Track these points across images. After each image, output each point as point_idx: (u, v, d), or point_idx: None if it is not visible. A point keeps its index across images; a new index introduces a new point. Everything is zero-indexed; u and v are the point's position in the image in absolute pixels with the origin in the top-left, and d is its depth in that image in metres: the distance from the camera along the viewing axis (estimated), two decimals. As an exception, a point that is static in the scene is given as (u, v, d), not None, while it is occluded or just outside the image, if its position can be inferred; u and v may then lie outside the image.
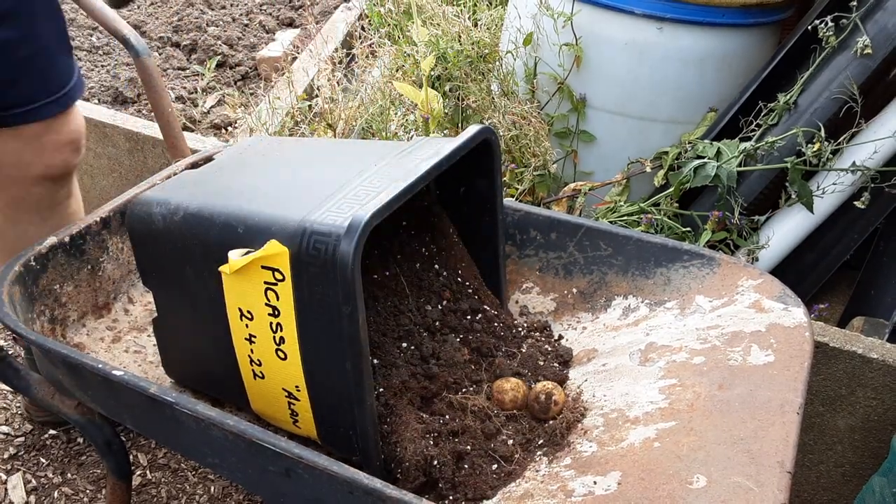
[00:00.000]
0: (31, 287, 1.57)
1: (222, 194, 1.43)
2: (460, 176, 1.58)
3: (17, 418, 2.22)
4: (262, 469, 1.25)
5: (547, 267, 1.73)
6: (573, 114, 2.56)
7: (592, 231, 1.67)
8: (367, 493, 1.13)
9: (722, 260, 1.56)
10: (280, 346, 1.30)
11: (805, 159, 2.14)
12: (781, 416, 1.24)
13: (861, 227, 2.33)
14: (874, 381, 1.81)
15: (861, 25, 2.12)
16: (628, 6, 2.38)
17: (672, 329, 1.51)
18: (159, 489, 2.07)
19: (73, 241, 1.66)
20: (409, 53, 2.80)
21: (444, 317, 1.57)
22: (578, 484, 1.24)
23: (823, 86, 2.17)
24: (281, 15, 4.16)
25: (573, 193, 2.44)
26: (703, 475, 1.17)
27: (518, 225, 1.74)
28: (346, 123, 2.63)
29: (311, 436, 1.38)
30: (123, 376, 1.31)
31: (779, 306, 1.45)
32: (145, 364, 1.67)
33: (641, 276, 1.63)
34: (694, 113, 2.48)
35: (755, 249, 2.24)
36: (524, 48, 2.60)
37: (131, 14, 4.00)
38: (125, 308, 1.78)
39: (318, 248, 1.20)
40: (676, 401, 1.34)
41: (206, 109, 3.35)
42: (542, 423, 1.44)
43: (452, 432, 1.38)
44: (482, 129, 1.47)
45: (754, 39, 2.46)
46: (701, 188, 2.28)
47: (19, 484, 2.05)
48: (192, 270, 1.40)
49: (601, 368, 1.51)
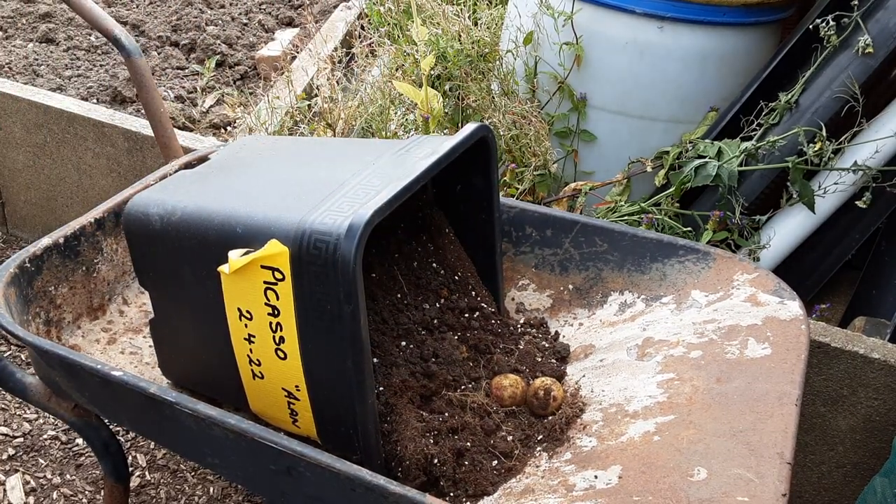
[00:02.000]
0: (26, 289, 1.56)
1: (220, 194, 1.42)
2: (457, 174, 1.58)
3: (16, 419, 2.22)
4: (263, 468, 1.25)
5: (543, 263, 1.73)
6: (573, 113, 2.56)
7: (588, 227, 1.67)
8: (370, 489, 1.12)
9: (717, 255, 1.56)
10: (280, 346, 1.29)
11: (806, 159, 2.14)
12: (780, 407, 1.24)
13: (863, 226, 2.33)
14: (876, 381, 1.80)
15: (862, 24, 2.11)
16: (629, 5, 2.37)
17: (669, 324, 1.51)
18: (158, 490, 2.06)
19: (67, 243, 1.65)
20: (408, 52, 2.80)
21: (443, 315, 1.57)
22: (579, 478, 1.24)
23: (825, 85, 2.16)
24: (280, 14, 4.15)
25: (574, 193, 2.44)
26: (704, 467, 1.17)
27: (514, 222, 1.74)
28: (345, 123, 2.62)
29: (311, 435, 1.38)
30: (122, 377, 1.31)
31: (774, 300, 1.46)
32: (141, 365, 1.66)
33: (637, 272, 1.63)
34: (695, 112, 2.48)
35: (756, 249, 2.23)
36: (524, 47, 2.59)
37: (130, 13, 4.00)
38: (120, 309, 1.77)
39: (318, 247, 1.20)
40: (675, 395, 1.34)
41: (205, 109, 3.35)
42: (542, 418, 1.44)
43: (452, 429, 1.38)
44: (479, 126, 1.46)
45: (755, 38, 2.46)
46: (702, 188, 2.27)
47: (18, 485, 2.04)
48: (189, 270, 1.39)
49: (599, 364, 1.51)
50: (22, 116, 2.62)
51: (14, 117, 2.64)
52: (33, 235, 2.89)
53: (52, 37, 3.75)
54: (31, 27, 3.84)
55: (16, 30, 3.83)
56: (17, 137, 2.67)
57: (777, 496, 1.11)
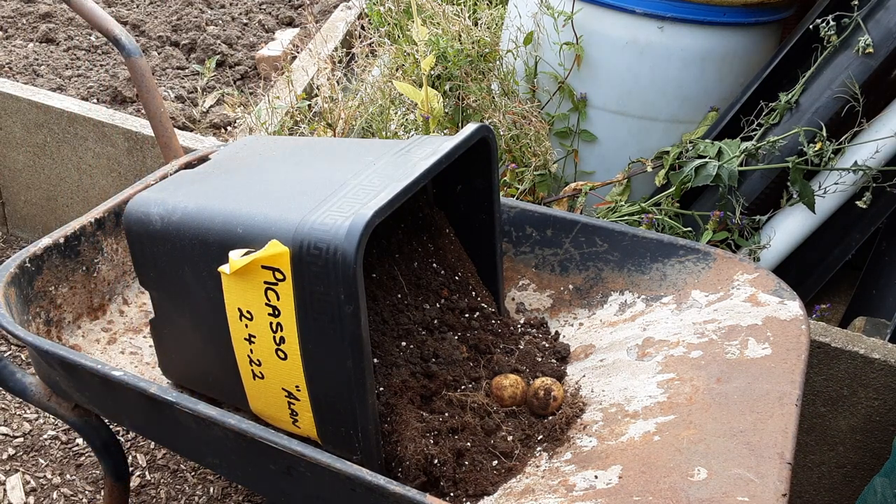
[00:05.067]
0: (26, 289, 1.56)
1: (221, 194, 1.42)
2: (457, 174, 1.58)
3: (16, 419, 2.22)
4: (262, 467, 1.25)
5: (543, 264, 1.73)
6: (574, 113, 2.56)
7: (588, 227, 1.67)
8: (370, 489, 1.12)
9: (717, 255, 1.56)
10: (280, 346, 1.29)
11: (806, 159, 2.14)
12: (780, 407, 1.25)
13: (863, 226, 2.33)
14: (876, 381, 1.80)
15: (863, 24, 2.11)
16: (629, 5, 2.37)
17: (669, 324, 1.52)
18: (158, 490, 2.06)
19: (67, 243, 1.65)
20: (408, 52, 2.80)
21: (443, 315, 1.57)
22: (580, 478, 1.24)
23: (825, 85, 2.16)
24: (280, 14, 4.15)
25: (574, 193, 2.44)
26: (704, 467, 1.17)
27: (514, 222, 1.74)
28: (345, 123, 2.62)
29: (311, 435, 1.38)
30: (123, 376, 1.31)
31: (774, 300, 1.46)
32: (141, 365, 1.66)
33: (637, 272, 1.63)
34: (695, 112, 2.48)
35: (756, 249, 2.23)
36: (524, 47, 2.59)
37: (130, 13, 3.99)
38: (120, 309, 1.77)
39: (319, 247, 1.20)
40: (675, 395, 1.34)
41: (206, 109, 3.35)
42: (542, 418, 1.44)
43: (452, 430, 1.38)
44: (480, 127, 1.46)
45: (756, 38, 2.46)
46: (702, 188, 2.27)
47: (18, 485, 2.04)
48: (190, 270, 1.39)
49: (599, 364, 1.51)
50: (22, 116, 2.62)
51: (14, 117, 2.64)
52: (33, 235, 2.89)
53: (52, 37, 3.75)
54: (31, 27, 3.84)
55: (16, 30, 3.83)
56: (18, 137, 2.67)
57: (777, 496, 1.11)
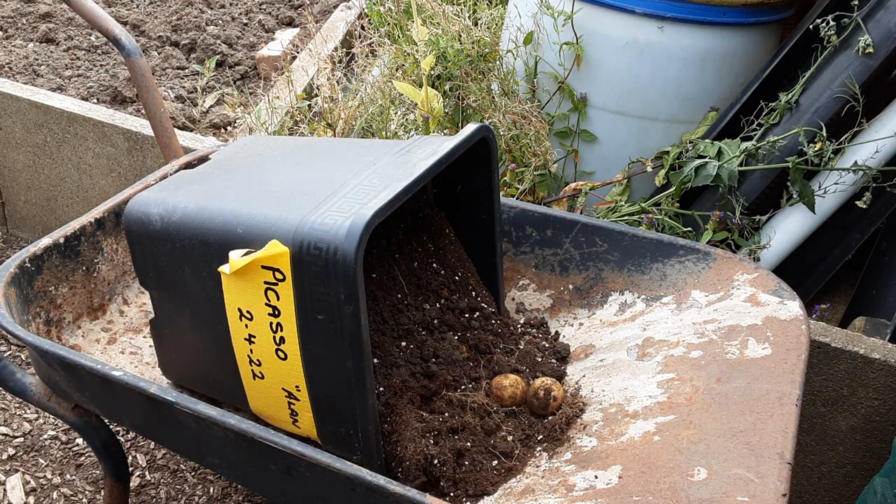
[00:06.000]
0: (26, 289, 1.56)
1: (221, 194, 1.42)
2: (457, 174, 1.58)
3: (16, 419, 2.22)
4: (263, 467, 1.25)
5: (543, 264, 1.73)
6: (574, 113, 2.56)
7: (588, 227, 1.67)
8: (370, 489, 1.12)
9: (717, 255, 1.56)
10: (280, 346, 1.29)
11: (806, 159, 2.14)
12: (780, 407, 1.25)
13: (863, 226, 2.33)
14: (876, 381, 1.80)
15: (863, 24, 2.11)
16: (629, 5, 2.37)
17: (669, 324, 1.52)
18: (158, 490, 2.06)
19: (67, 243, 1.65)
20: (408, 52, 2.80)
21: (443, 315, 1.57)
22: (580, 478, 1.24)
23: (825, 85, 2.16)
24: (280, 14, 4.15)
25: (574, 193, 2.44)
26: (704, 467, 1.17)
27: (514, 222, 1.74)
28: (345, 123, 2.62)
29: (311, 435, 1.37)
30: (123, 376, 1.31)
31: (774, 300, 1.46)
32: (141, 365, 1.66)
33: (637, 272, 1.63)
34: (695, 112, 2.48)
35: (756, 249, 2.23)
36: (524, 47, 2.59)
37: (130, 13, 3.99)
38: (120, 309, 1.77)
39: (319, 248, 1.20)
40: (675, 395, 1.34)
41: (206, 109, 3.35)
42: (542, 418, 1.44)
43: (452, 430, 1.38)
44: (480, 127, 1.46)
45: (755, 38, 2.46)
46: (702, 188, 2.27)
47: (18, 485, 2.04)
48: (190, 270, 1.39)
49: (599, 364, 1.51)
50: (22, 116, 2.62)
51: (14, 117, 2.64)
52: (33, 235, 2.89)
53: (52, 37, 3.75)
54: (31, 27, 3.84)
55: (16, 30, 3.83)
56: (18, 137, 2.67)
57: (777, 496, 1.11)
